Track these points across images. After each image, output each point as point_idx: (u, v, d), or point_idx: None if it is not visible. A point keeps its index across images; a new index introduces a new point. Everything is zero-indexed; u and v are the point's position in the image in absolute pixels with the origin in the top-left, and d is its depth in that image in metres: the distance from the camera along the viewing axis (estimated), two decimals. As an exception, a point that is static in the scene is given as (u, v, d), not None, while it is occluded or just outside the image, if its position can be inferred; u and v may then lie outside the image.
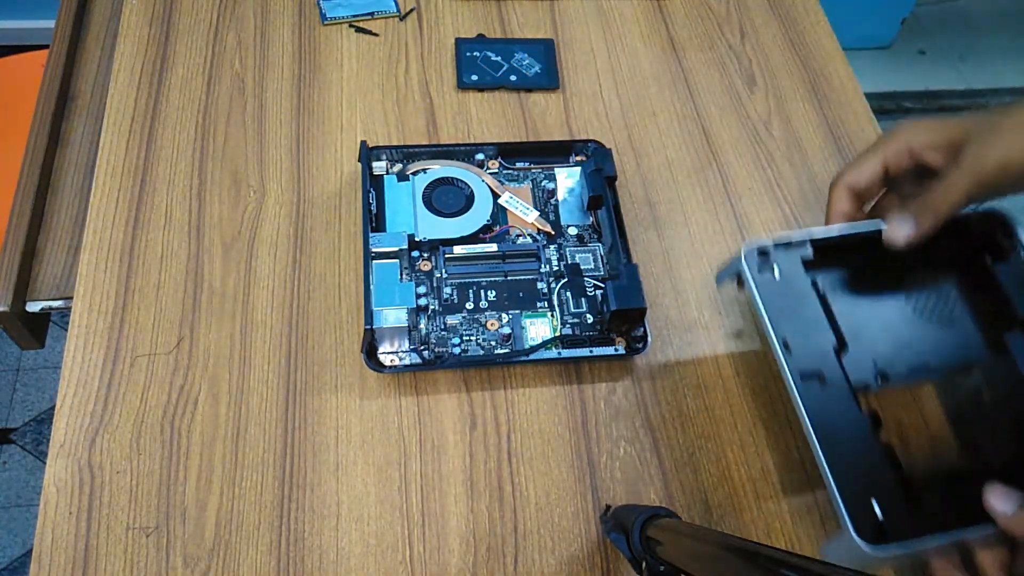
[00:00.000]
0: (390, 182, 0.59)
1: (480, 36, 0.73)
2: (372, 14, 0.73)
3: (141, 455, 0.49)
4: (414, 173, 0.60)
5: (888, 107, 1.82)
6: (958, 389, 0.46)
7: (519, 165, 0.63)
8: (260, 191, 0.61)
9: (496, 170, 0.62)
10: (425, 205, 0.59)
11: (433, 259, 0.57)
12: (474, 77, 0.69)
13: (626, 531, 0.38)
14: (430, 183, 0.60)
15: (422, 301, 0.54)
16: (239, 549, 0.47)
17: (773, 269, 0.46)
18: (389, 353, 0.52)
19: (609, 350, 0.53)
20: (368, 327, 0.51)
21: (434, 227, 0.58)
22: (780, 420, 0.53)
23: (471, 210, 0.59)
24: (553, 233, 0.60)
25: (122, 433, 0.50)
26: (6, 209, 0.69)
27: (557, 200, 0.62)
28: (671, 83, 0.71)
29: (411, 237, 0.56)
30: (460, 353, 0.53)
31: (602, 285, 0.56)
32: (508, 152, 0.63)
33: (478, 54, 0.70)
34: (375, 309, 0.52)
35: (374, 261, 0.54)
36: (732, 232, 0.62)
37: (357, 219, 0.60)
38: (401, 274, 0.55)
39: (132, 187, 0.61)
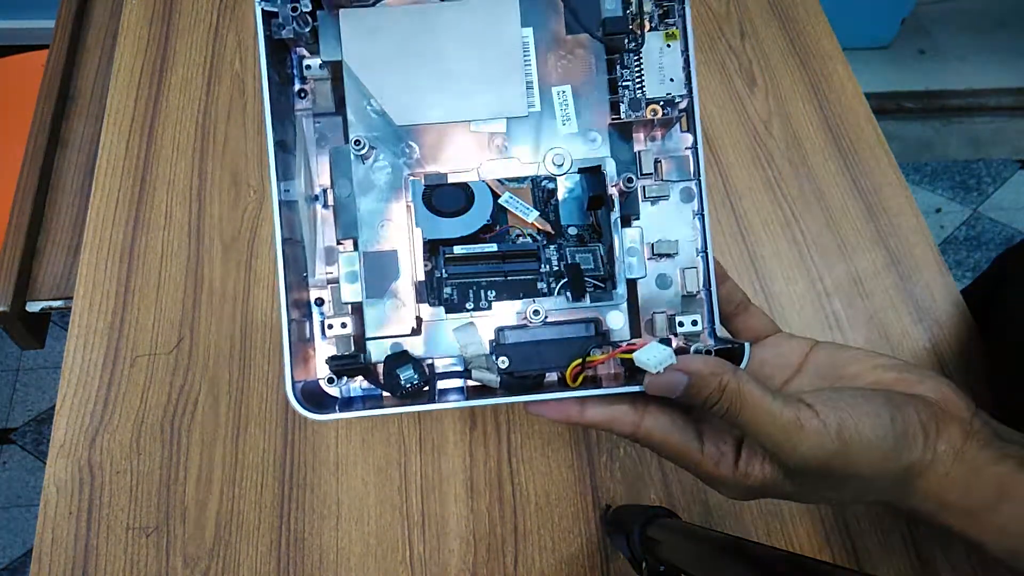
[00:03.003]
0: (390, 182, 0.59)
1: (480, 36, 0.73)
2: (372, 14, 0.73)
3: (141, 455, 0.49)
4: (414, 173, 0.60)
5: (888, 107, 1.82)
6: None
7: (519, 165, 0.63)
8: (260, 191, 0.61)
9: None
10: (425, 205, 0.59)
11: (433, 259, 0.57)
12: (474, 77, 0.69)
13: (626, 531, 0.38)
14: (430, 183, 0.60)
15: (422, 301, 0.54)
16: (239, 549, 0.47)
17: None
18: (389, 353, 0.52)
19: (609, 350, 0.53)
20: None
21: (434, 227, 0.58)
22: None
23: (471, 210, 0.59)
24: (553, 233, 0.60)
25: (122, 433, 0.50)
26: (6, 209, 0.70)
27: (557, 200, 0.61)
28: (671, 83, 0.71)
29: (411, 237, 0.56)
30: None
31: (602, 285, 0.56)
32: (508, 152, 0.63)
33: (478, 54, 0.70)
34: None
35: (374, 261, 0.54)
36: (732, 232, 0.62)
37: (357, 219, 0.60)
38: (401, 274, 0.55)
39: (132, 187, 0.61)
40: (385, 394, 0.36)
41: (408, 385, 0.35)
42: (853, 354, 0.36)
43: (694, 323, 0.36)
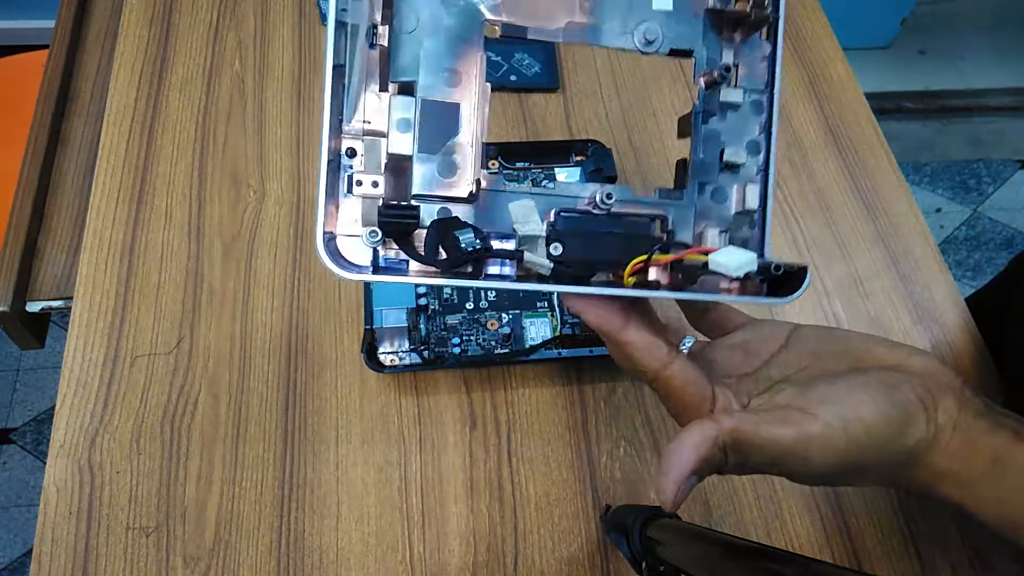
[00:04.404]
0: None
1: (480, 36, 0.73)
2: (372, 14, 0.73)
3: (141, 455, 0.49)
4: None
5: (888, 107, 1.82)
6: None
7: (519, 165, 0.63)
8: (260, 191, 0.61)
9: (496, 170, 0.62)
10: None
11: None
12: (474, 77, 0.69)
13: (626, 531, 0.38)
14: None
15: (422, 301, 0.54)
16: (239, 549, 0.47)
17: None
18: (389, 353, 0.52)
19: (609, 350, 0.53)
20: (368, 327, 0.51)
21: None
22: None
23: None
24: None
25: (122, 433, 0.50)
26: (6, 209, 0.70)
27: (557, 200, 0.61)
28: (671, 83, 0.71)
29: (411, 237, 0.56)
30: (460, 353, 0.53)
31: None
32: (508, 152, 0.63)
33: (478, 54, 0.70)
34: (375, 309, 0.52)
35: (374, 261, 0.54)
36: (732, 232, 0.62)
37: (357, 219, 0.60)
38: (401, 274, 0.55)
39: (132, 187, 0.61)
40: (415, 266, 0.31)
41: (469, 249, 0.30)
42: (839, 330, 0.36)
43: (744, 243, 0.34)
